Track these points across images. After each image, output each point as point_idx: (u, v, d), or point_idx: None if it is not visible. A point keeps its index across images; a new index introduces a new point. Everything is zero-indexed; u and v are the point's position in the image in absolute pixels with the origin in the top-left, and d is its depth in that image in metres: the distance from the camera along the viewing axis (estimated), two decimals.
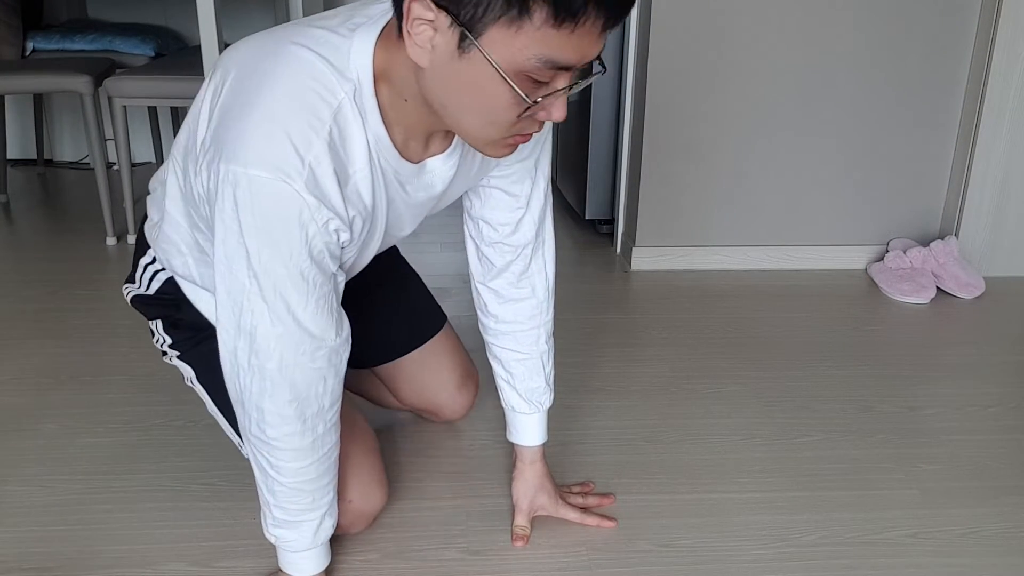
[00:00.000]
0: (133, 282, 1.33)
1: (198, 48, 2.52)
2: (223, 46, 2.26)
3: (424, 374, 1.51)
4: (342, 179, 0.94)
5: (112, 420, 1.62)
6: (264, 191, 0.89)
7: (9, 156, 3.26)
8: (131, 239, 2.57)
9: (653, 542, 1.31)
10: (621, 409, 1.69)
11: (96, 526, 1.33)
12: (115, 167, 3.10)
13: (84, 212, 2.86)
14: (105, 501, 1.39)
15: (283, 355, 0.99)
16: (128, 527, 1.33)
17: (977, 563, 1.28)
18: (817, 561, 1.28)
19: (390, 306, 1.49)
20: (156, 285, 1.28)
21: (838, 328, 2.08)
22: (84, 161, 3.49)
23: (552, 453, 1.54)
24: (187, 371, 1.29)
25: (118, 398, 1.70)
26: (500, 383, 1.35)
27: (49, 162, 3.50)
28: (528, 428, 1.34)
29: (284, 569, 1.17)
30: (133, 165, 2.65)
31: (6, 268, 2.39)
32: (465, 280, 2.33)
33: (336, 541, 1.28)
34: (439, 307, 1.56)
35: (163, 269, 1.26)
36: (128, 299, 1.35)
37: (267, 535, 1.15)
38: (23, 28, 3.04)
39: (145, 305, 1.32)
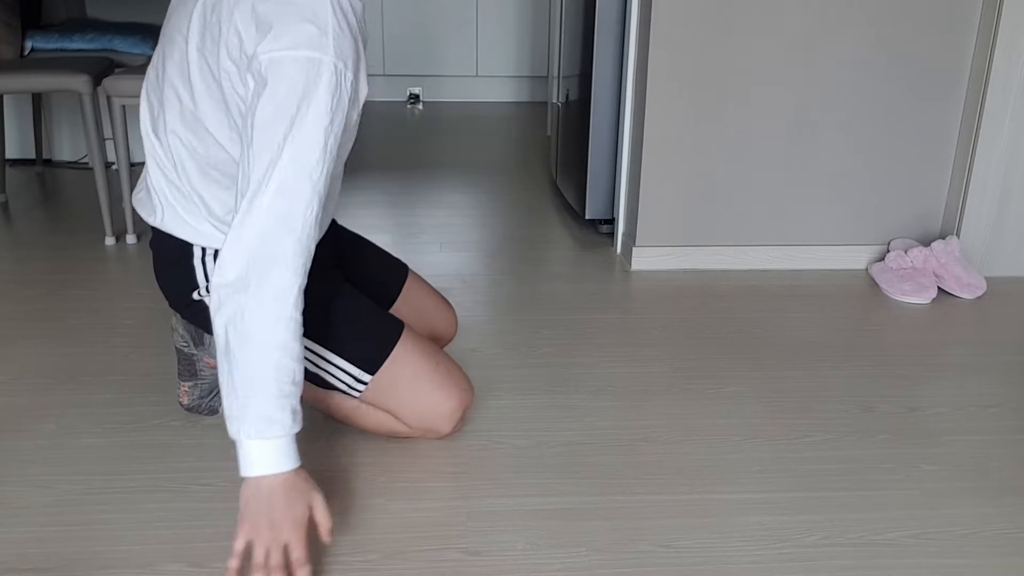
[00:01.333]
0: (199, 284, 1.39)
1: None
2: None
3: (419, 304, 1.67)
4: (355, 36, 1.18)
5: (112, 420, 1.62)
6: (302, 65, 1.12)
7: (8, 156, 3.25)
8: (130, 239, 2.56)
9: (653, 542, 1.31)
10: (621, 409, 1.69)
11: (95, 526, 1.33)
12: (114, 167, 3.09)
13: (83, 212, 2.85)
14: (104, 501, 1.39)
15: (295, 206, 1.14)
16: (128, 527, 1.33)
17: (979, 564, 1.28)
18: (818, 562, 1.28)
19: (363, 261, 1.65)
20: None
21: (839, 328, 2.08)
22: (83, 161, 3.48)
23: (553, 453, 1.54)
24: None
25: (118, 398, 1.69)
26: None
27: (48, 162, 3.49)
28: None
29: (248, 469, 1.16)
30: (132, 165, 2.64)
31: (5, 268, 2.39)
32: (465, 280, 2.32)
33: (336, 541, 1.27)
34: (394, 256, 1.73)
35: (216, 250, 1.35)
36: None
37: (232, 422, 1.16)
38: (22, 27, 3.03)
39: None
